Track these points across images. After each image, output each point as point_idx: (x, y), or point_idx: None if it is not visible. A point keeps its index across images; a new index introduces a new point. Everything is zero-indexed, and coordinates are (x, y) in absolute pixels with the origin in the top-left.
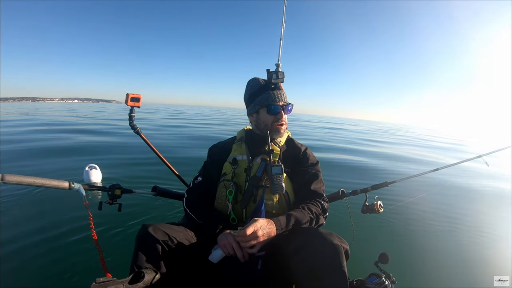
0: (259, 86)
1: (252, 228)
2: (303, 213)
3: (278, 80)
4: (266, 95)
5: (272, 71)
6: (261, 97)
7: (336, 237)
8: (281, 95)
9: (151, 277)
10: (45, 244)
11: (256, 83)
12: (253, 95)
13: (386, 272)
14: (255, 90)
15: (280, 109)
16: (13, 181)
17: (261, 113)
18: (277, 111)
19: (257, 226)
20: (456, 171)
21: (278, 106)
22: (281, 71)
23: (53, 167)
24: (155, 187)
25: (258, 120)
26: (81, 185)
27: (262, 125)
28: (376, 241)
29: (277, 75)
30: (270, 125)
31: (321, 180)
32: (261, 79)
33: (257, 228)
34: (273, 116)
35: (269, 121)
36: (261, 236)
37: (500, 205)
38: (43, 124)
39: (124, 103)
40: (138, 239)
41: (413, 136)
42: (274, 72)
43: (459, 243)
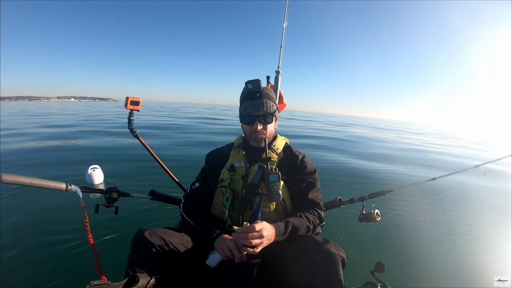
0: (243, 95)
1: (260, 225)
2: (301, 221)
3: (253, 89)
4: (244, 104)
5: (248, 80)
6: (242, 107)
7: (333, 245)
8: (259, 105)
9: (146, 282)
10: (40, 246)
11: (242, 92)
12: (240, 103)
13: (382, 282)
14: (241, 98)
15: (253, 119)
16: (10, 181)
17: (242, 122)
18: (249, 122)
19: (264, 225)
20: (453, 178)
21: (250, 116)
22: (258, 79)
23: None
24: (152, 191)
25: (242, 128)
26: (78, 187)
27: (244, 133)
28: (373, 250)
29: (252, 85)
30: (248, 135)
31: (318, 188)
32: (249, 87)
33: (264, 227)
34: (250, 126)
35: (246, 130)
36: (265, 236)
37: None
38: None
39: (124, 106)
40: (134, 243)
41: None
42: (250, 81)
43: (458, 247)
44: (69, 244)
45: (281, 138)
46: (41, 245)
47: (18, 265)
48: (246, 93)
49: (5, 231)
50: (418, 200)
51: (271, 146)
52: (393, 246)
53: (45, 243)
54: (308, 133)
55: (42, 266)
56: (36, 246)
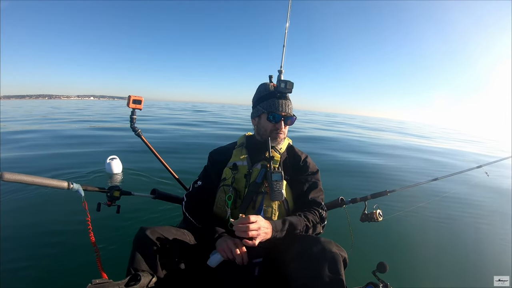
0: (267, 92)
1: (255, 217)
2: (299, 219)
3: (285, 90)
4: (271, 102)
5: (281, 80)
6: (266, 103)
7: (334, 245)
8: (286, 105)
9: (148, 280)
10: (41, 244)
11: (265, 88)
12: (260, 99)
13: (384, 282)
14: (263, 95)
15: (281, 118)
16: (12, 179)
17: (262, 118)
18: (277, 120)
19: (259, 218)
20: (456, 179)
21: (279, 115)
22: (291, 81)
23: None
24: (154, 190)
25: (259, 124)
26: (80, 185)
27: (262, 130)
28: (375, 250)
29: (285, 85)
30: (269, 132)
31: (321, 189)
32: (271, 85)
33: (259, 219)
34: (273, 124)
35: (268, 127)
36: (261, 227)
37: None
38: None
39: (126, 105)
40: (136, 241)
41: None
42: (283, 81)
43: (458, 247)
44: (70, 243)
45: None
46: (42, 244)
47: (19, 264)
48: (275, 91)
49: (6, 229)
50: (421, 200)
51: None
52: (395, 246)
53: (47, 242)
54: (363, 147)
55: (44, 264)
56: (37, 244)
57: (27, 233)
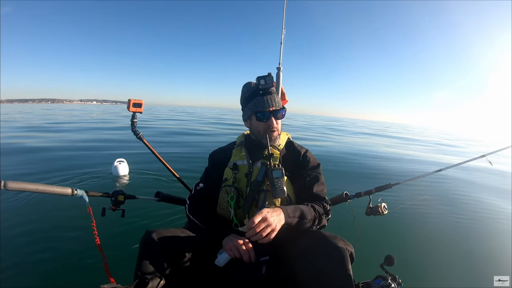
0: (250, 92)
1: (259, 216)
2: (308, 208)
3: (266, 85)
4: (255, 101)
5: (260, 76)
6: (251, 103)
7: (340, 240)
8: (272, 100)
9: (156, 284)
10: (48, 251)
11: (248, 89)
12: (246, 100)
13: (392, 274)
14: (247, 95)
15: (269, 115)
16: (16, 188)
17: (252, 120)
18: (267, 118)
19: (264, 213)
20: (461, 170)
21: (266, 113)
22: (270, 76)
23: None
24: (158, 193)
25: (252, 126)
26: (84, 191)
27: (255, 131)
28: (381, 243)
29: (265, 80)
30: (263, 132)
31: (323, 182)
32: (253, 83)
33: (265, 215)
34: (264, 123)
35: (260, 127)
36: (272, 222)
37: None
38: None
39: (126, 108)
40: (142, 245)
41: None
42: (262, 77)
43: (458, 247)
44: (77, 248)
45: (283, 133)
46: (49, 250)
47: (25, 271)
48: (256, 89)
49: (9, 236)
50: (425, 192)
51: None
52: (401, 239)
53: (53, 248)
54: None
55: (51, 271)
56: (44, 251)
57: (32, 240)
